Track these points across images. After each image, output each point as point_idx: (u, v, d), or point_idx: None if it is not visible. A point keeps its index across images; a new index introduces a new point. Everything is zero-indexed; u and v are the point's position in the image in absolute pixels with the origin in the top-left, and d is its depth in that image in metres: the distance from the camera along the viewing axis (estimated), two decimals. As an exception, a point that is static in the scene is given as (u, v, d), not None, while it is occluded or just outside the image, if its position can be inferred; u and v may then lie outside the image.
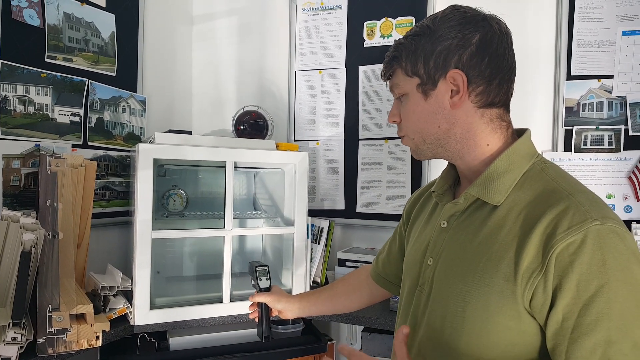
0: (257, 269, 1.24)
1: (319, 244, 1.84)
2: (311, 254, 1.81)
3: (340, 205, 2.03)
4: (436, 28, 0.76)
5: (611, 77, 1.66)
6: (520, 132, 0.81)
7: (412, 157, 1.90)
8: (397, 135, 1.89)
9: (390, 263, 1.10)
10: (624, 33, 1.65)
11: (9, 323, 1.12)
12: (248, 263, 1.29)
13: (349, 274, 1.25)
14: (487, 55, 0.75)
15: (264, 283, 1.23)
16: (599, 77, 1.68)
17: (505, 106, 0.80)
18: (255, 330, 1.26)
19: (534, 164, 0.77)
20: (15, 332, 1.12)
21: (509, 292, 0.68)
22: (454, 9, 0.78)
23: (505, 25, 0.78)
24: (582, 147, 1.69)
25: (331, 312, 1.21)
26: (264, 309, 1.20)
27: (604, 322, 0.61)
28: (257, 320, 1.22)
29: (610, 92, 1.66)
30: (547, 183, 0.72)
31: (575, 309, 0.63)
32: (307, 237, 1.72)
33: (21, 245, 1.14)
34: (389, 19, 1.95)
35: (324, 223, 1.86)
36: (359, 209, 2.00)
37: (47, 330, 1.18)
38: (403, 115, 0.83)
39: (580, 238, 0.63)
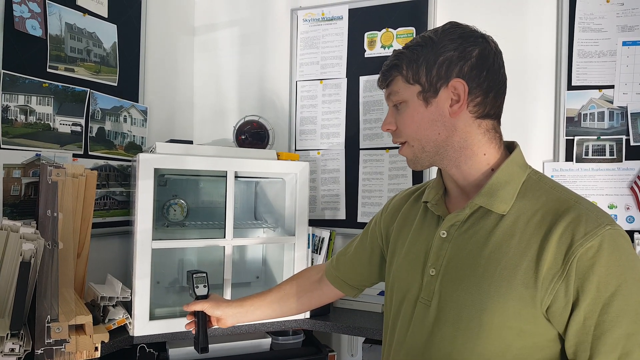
0: (195, 275, 1.16)
1: (319, 254, 1.84)
2: (312, 264, 1.80)
3: (342, 215, 2.02)
4: (438, 40, 0.80)
5: (612, 87, 1.66)
6: (508, 144, 0.86)
7: (413, 167, 1.90)
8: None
9: (354, 267, 1.10)
10: (625, 43, 1.65)
11: (7, 334, 1.11)
12: (186, 272, 1.21)
13: (297, 274, 1.22)
14: (485, 69, 0.79)
15: (201, 290, 1.15)
16: (599, 87, 1.68)
17: (498, 119, 0.84)
18: (247, 342, 1.20)
19: (529, 174, 0.81)
20: (13, 343, 1.11)
21: (528, 298, 0.71)
22: (454, 24, 0.82)
23: (498, 45, 0.84)
24: (584, 157, 1.69)
25: (278, 316, 1.17)
26: (200, 317, 1.12)
27: (624, 317, 0.67)
28: (194, 332, 1.13)
29: (611, 102, 1.66)
30: (549, 193, 0.77)
31: (596, 308, 0.68)
32: (308, 247, 1.72)
33: (21, 255, 1.13)
34: (390, 29, 1.95)
35: (324, 233, 1.85)
36: (360, 219, 1.99)
37: (46, 341, 1.17)
38: (401, 123, 0.84)
39: (597, 242, 0.68)
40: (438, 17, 1.87)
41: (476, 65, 0.79)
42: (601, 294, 0.67)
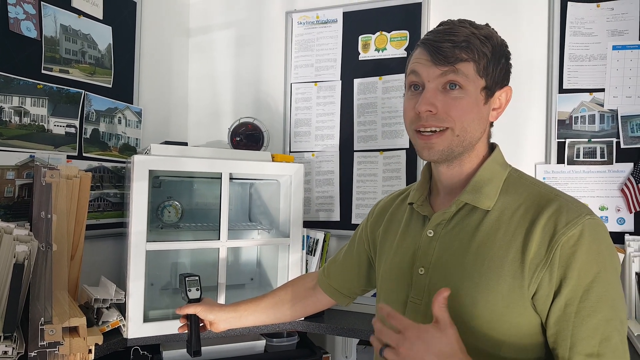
0: (187, 279, 1.17)
1: (314, 255, 1.84)
2: (306, 265, 1.81)
3: (336, 216, 2.03)
4: (499, 41, 0.82)
5: (602, 90, 1.68)
6: (489, 145, 0.89)
7: (406, 169, 1.91)
8: (392, 147, 1.92)
9: (343, 275, 1.11)
10: (615, 47, 1.68)
11: (0, 336, 1.11)
12: (178, 275, 1.22)
13: (292, 281, 1.23)
14: None
15: (193, 294, 1.16)
16: (590, 91, 1.70)
17: None
18: (241, 344, 1.20)
19: (510, 172, 0.85)
20: (6, 346, 1.11)
21: (517, 288, 0.73)
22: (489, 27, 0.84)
23: None
24: (575, 159, 1.71)
25: (272, 322, 1.17)
26: (193, 321, 1.12)
27: (603, 303, 0.70)
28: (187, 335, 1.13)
29: (602, 106, 1.68)
30: (530, 188, 0.80)
31: (577, 295, 0.70)
32: (303, 249, 1.72)
33: (14, 257, 1.13)
34: (384, 32, 1.97)
35: (319, 234, 1.86)
36: (354, 220, 2.00)
37: (39, 344, 1.17)
38: (454, 110, 0.78)
39: (578, 231, 0.71)
40: (431, 21, 1.88)
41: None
42: (582, 280, 0.70)
